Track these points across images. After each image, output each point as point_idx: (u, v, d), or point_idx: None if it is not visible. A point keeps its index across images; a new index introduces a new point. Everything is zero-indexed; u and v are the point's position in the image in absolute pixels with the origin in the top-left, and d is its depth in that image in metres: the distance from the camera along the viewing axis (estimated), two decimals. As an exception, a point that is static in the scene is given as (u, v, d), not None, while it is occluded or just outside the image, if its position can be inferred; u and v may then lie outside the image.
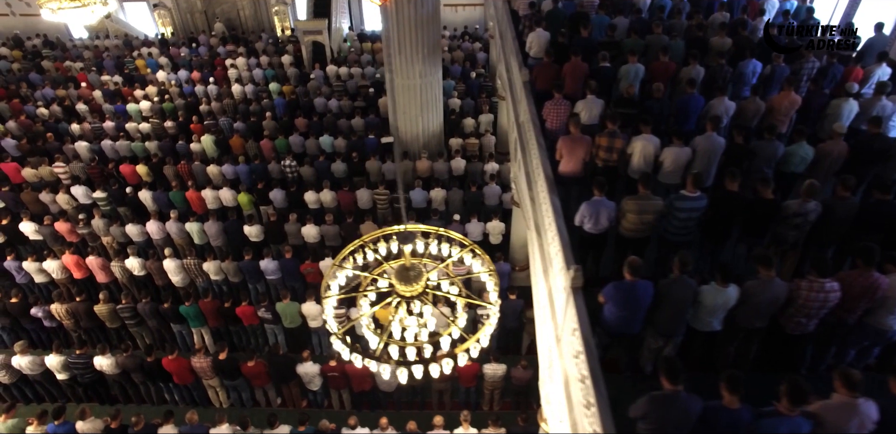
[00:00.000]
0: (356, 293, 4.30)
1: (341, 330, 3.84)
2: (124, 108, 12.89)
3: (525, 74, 6.98)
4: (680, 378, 2.88)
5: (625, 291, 3.64)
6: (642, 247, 4.68)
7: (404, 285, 3.84)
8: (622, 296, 3.64)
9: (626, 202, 4.41)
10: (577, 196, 5.40)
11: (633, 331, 3.82)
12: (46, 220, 9.28)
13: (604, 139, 5.15)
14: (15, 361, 7.01)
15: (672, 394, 2.89)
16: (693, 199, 4.30)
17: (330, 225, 8.93)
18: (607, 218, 4.48)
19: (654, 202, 4.37)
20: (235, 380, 7.06)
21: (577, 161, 5.23)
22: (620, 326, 3.76)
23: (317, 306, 7.53)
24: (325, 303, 4.14)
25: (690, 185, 4.29)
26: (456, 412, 7.16)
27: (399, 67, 10.25)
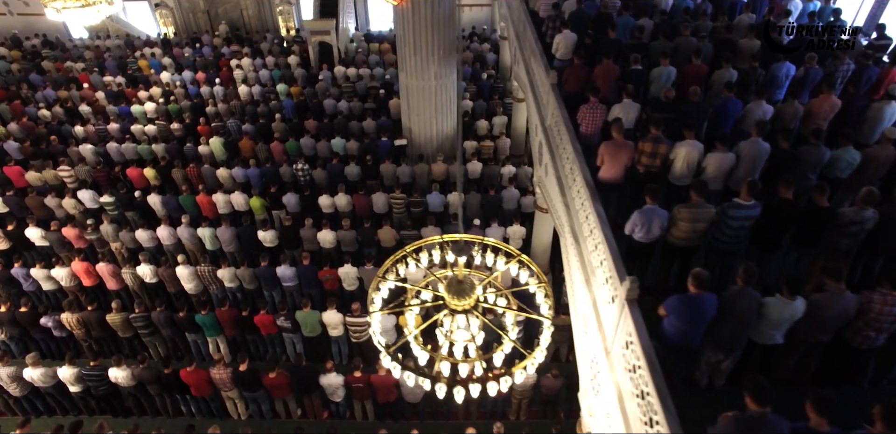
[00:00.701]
0: (403, 308, 4.15)
1: (392, 347, 3.71)
2: (128, 109, 12.68)
3: (553, 77, 6.87)
4: (768, 399, 2.76)
5: (690, 305, 3.53)
6: (690, 255, 4.58)
7: (456, 299, 3.71)
8: (687, 310, 3.53)
9: (679, 210, 4.31)
10: (615, 203, 5.29)
11: (694, 345, 3.71)
12: (53, 225, 9.09)
13: (648, 144, 5.05)
14: (27, 374, 6.82)
15: (759, 416, 2.78)
16: (748, 208, 4.20)
17: (347, 230, 8.79)
18: (660, 227, 4.37)
19: (707, 210, 4.27)
20: (256, 391, 6.90)
21: (619, 167, 5.13)
22: (681, 340, 3.65)
23: (338, 315, 7.38)
24: (371, 318, 4.00)
25: (745, 193, 4.19)
26: (483, 422, 7.07)
27: (414, 69, 10.15)
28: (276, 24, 17.22)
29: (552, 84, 6.89)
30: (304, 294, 8.29)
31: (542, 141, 7.80)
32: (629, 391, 3.87)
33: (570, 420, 7.10)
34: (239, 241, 9.01)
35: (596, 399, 4.77)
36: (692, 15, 8.33)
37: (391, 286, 4.27)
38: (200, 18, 16.99)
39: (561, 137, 6.47)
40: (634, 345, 3.74)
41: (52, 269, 8.29)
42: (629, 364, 3.88)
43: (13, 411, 7.33)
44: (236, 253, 9.06)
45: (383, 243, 8.88)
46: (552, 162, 6.85)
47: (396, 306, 4.29)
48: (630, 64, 6.76)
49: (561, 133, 6.46)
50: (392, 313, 4.22)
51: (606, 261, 4.47)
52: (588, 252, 5.17)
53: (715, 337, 3.70)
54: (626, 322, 3.96)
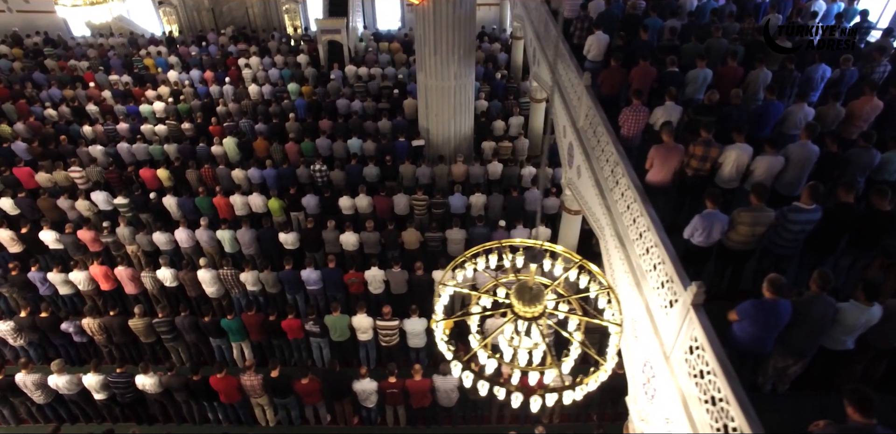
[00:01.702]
0: (467, 315, 4.11)
1: (466, 357, 3.67)
2: (137, 109, 12.55)
3: (587, 78, 6.86)
4: (875, 410, 2.75)
5: (765, 311, 3.53)
6: (745, 259, 4.59)
7: (525, 305, 3.69)
8: (762, 315, 3.53)
9: (740, 214, 4.31)
10: (661, 207, 5.29)
11: (765, 350, 3.71)
12: (68, 228, 8.97)
13: (699, 148, 5.06)
14: (52, 381, 6.72)
15: (866, 428, 2.76)
16: (809, 212, 4.22)
17: (370, 231, 8.74)
18: (720, 231, 4.38)
19: (767, 214, 4.28)
20: (286, 398, 6.84)
21: (668, 171, 5.13)
22: (753, 346, 3.65)
23: (368, 319, 7.34)
24: (432, 324, 3.95)
25: (807, 198, 4.21)
26: (515, 426, 7.06)
27: (433, 69, 10.12)
28: (282, 22, 17.11)
29: (586, 86, 6.89)
30: (329, 297, 8.25)
31: (572, 142, 7.81)
32: (695, 397, 3.86)
33: (604, 422, 7.12)
34: (259, 243, 8.94)
35: (650, 404, 4.76)
36: (718, 16, 8.38)
37: (451, 292, 4.22)
38: (205, 17, 16.85)
39: (598, 139, 6.47)
40: (703, 350, 3.73)
41: (69, 272, 8.15)
42: (695, 369, 3.88)
43: (36, 419, 7.22)
44: (256, 256, 8.98)
45: (407, 245, 8.84)
46: (587, 164, 6.85)
47: (460, 313, 4.25)
48: (665, 66, 6.77)
49: (598, 135, 6.46)
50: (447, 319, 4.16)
51: (664, 265, 4.46)
52: (636, 256, 5.17)
53: (787, 342, 3.71)
54: (690, 327, 3.95)
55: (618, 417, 7.37)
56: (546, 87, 9.62)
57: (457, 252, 8.78)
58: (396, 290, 8.09)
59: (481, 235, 8.85)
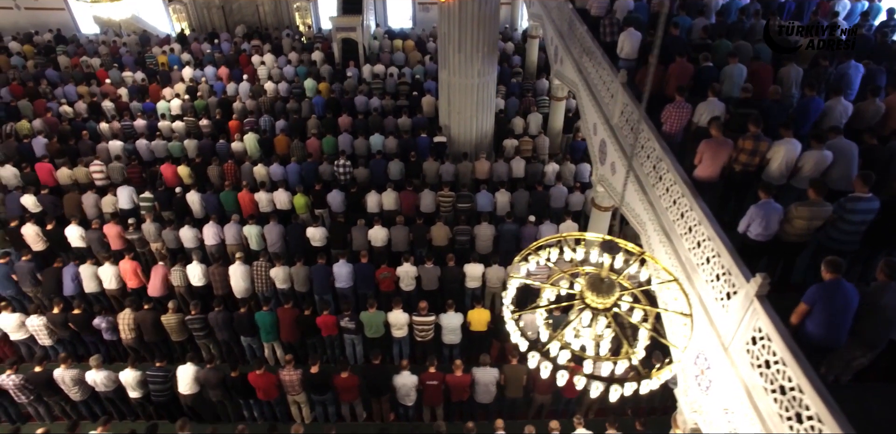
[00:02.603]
0: (541, 307, 4.19)
1: (543, 345, 3.75)
2: (153, 105, 12.58)
3: (623, 76, 6.98)
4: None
5: (832, 291, 3.61)
6: (797, 253, 4.69)
7: (597, 296, 3.77)
8: (830, 296, 3.62)
9: (798, 209, 4.42)
10: (708, 201, 5.38)
11: (840, 342, 3.78)
12: (94, 223, 9.00)
13: (748, 142, 5.17)
14: (89, 377, 6.75)
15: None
16: (867, 200, 4.33)
17: (400, 227, 8.82)
18: (777, 221, 4.49)
19: (825, 208, 4.39)
20: (324, 394, 6.87)
21: (717, 166, 5.24)
22: (828, 336, 3.71)
23: (404, 315, 7.42)
24: (516, 316, 4.00)
25: (861, 186, 4.32)
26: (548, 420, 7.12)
27: (457, 66, 10.22)
28: (293, 20, 17.16)
29: (622, 83, 7.01)
30: (360, 296, 8.29)
31: (605, 139, 7.92)
32: (760, 386, 3.96)
33: (640, 418, 7.17)
34: (285, 240, 8.98)
35: (704, 395, 4.87)
36: (745, 15, 8.53)
37: (518, 285, 4.29)
38: (215, 14, 16.87)
39: (644, 135, 6.59)
40: (770, 340, 3.82)
41: (100, 266, 8.19)
42: (759, 359, 3.98)
43: (70, 416, 7.23)
44: (281, 254, 9.00)
45: (435, 241, 8.92)
46: (625, 160, 6.96)
47: (532, 306, 4.33)
48: (699, 62, 6.91)
49: (637, 131, 6.57)
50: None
51: (719, 258, 4.57)
52: (685, 250, 5.28)
53: (857, 334, 3.79)
54: (753, 318, 4.06)
55: (652, 412, 7.50)
56: (572, 84, 9.72)
57: (485, 248, 8.88)
58: (428, 287, 8.16)
59: (510, 231, 8.96)
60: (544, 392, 6.85)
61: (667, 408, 7.42)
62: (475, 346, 7.69)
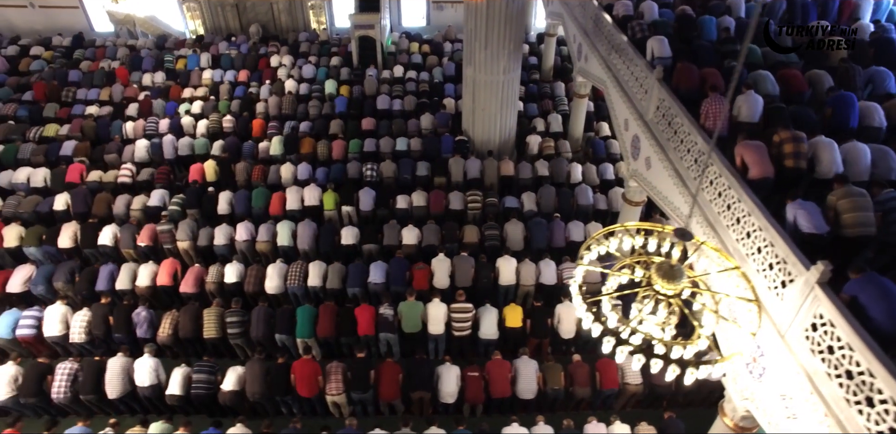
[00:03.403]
0: (611, 294, 4.34)
1: (625, 325, 3.89)
2: (175, 106, 12.72)
3: (659, 72, 7.15)
4: None
5: (871, 282, 3.77)
6: (860, 246, 4.78)
7: (667, 282, 3.92)
8: (872, 286, 3.77)
9: (838, 203, 4.58)
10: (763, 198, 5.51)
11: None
12: (132, 220, 9.17)
13: (789, 146, 5.34)
14: (142, 364, 7.00)
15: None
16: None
17: (432, 224, 8.98)
18: (818, 214, 4.67)
19: (866, 197, 4.55)
20: (365, 392, 6.94)
21: (766, 163, 5.37)
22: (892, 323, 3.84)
23: (442, 306, 7.56)
24: (582, 303, 4.15)
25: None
26: (588, 412, 7.28)
27: (483, 63, 10.37)
28: (307, 19, 17.28)
29: (658, 79, 7.17)
30: (391, 293, 8.41)
31: (638, 135, 8.09)
32: (823, 372, 4.08)
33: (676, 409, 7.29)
34: (316, 239, 9.10)
35: (757, 382, 5.01)
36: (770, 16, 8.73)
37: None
38: (229, 12, 16.97)
39: (675, 130, 6.75)
40: (833, 326, 3.95)
41: (142, 264, 8.44)
42: (820, 345, 4.11)
43: (107, 412, 7.35)
44: (310, 252, 9.13)
45: (466, 238, 9.06)
46: (662, 154, 7.12)
47: (605, 293, 4.47)
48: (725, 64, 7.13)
49: (675, 126, 6.74)
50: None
51: (773, 247, 4.72)
52: (733, 241, 5.43)
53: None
54: (814, 304, 4.20)
55: (688, 404, 7.63)
56: (598, 81, 9.89)
57: (516, 244, 9.02)
58: (461, 283, 8.28)
59: (540, 225, 9.14)
60: (583, 385, 6.98)
61: (701, 401, 7.57)
62: (510, 343, 7.81)
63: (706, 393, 7.26)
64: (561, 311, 7.81)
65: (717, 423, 5.90)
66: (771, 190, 5.42)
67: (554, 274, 8.43)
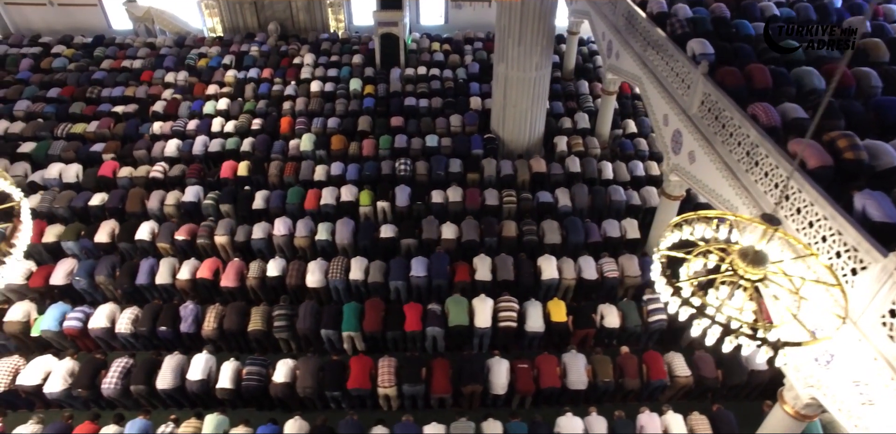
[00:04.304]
0: (695, 278, 4.43)
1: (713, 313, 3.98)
2: (201, 103, 12.81)
3: (704, 67, 7.29)
4: None
5: None
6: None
7: (752, 267, 4.02)
8: None
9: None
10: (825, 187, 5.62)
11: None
12: (173, 219, 9.34)
13: (843, 141, 5.47)
14: (198, 360, 7.11)
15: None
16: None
17: (471, 219, 9.08)
18: (889, 203, 4.79)
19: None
20: (417, 385, 7.01)
21: (822, 154, 5.49)
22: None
23: (489, 299, 7.67)
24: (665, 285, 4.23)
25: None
26: (634, 404, 7.37)
27: (515, 59, 10.50)
28: (326, 17, 17.37)
29: (703, 74, 7.30)
30: (433, 287, 8.50)
31: (679, 130, 8.22)
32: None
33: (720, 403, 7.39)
34: (354, 235, 9.19)
35: (824, 369, 5.13)
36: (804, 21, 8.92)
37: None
38: (247, 10, 17.06)
39: (723, 123, 6.87)
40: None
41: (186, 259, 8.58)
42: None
43: (155, 406, 7.42)
44: (349, 247, 9.21)
45: (504, 232, 9.17)
46: (709, 148, 7.24)
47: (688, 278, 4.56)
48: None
49: (723, 119, 6.86)
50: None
51: (841, 235, 4.84)
52: (793, 230, 5.55)
53: None
54: (891, 291, 4.32)
55: (733, 397, 7.73)
56: (632, 78, 10.02)
57: (553, 240, 9.12)
58: (503, 276, 8.38)
59: (575, 222, 9.26)
60: (633, 377, 7.09)
61: (746, 395, 7.66)
62: (555, 337, 7.91)
63: (753, 386, 7.37)
64: (603, 308, 7.93)
65: (774, 411, 6.01)
66: (830, 181, 5.53)
67: (594, 269, 8.54)
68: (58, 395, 6.94)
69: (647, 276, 8.58)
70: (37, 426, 6.47)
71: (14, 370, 7.09)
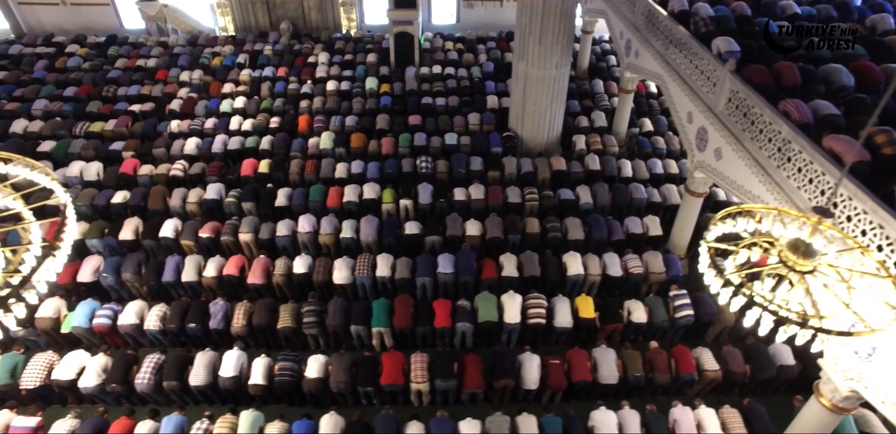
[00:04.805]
0: (744, 270, 4.50)
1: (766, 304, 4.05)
2: (218, 102, 12.88)
3: (731, 64, 7.38)
4: None
5: None
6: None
7: (802, 258, 4.09)
8: None
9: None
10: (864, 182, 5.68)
11: None
12: (197, 217, 9.37)
13: (881, 136, 5.55)
14: (230, 357, 7.16)
15: None
16: None
17: (494, 216, 9.15)
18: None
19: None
20: (450, 380, 7.08)
21: (857, 148, 5.56)
22: None
23: (517, 297, 7.74)
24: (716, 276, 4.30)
25: None
26: (663, 398, 7.46)
27: (536, 58, 10.57)
28: (338, 16, 17.44)
29: (730, 71, 7.39)
30: (460, 283, 8.56)
31: (705, 127, 8.30)
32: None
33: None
34: (379, 233, 9.25)
35: (865, 362, 5.20)
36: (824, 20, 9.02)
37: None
38: (259, 9, 17.14)
39: (752, 120, 6.96)
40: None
41: (212, 257, 8.61)
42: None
43: (185, 401, 7.47)
44: (373, 244, 9.28)
45: (528, 229, 9.24)
46: (737, 145, 7.32)
47: (735, 271, 4.63)
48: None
49: (754, 116, 6.95)
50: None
51: (884, 229, 4.92)
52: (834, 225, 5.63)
53: None
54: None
55: (760, 392, 7.80)
56: (653, 76, 10.11)
57: (577, 236, 9.19)
58: (529, 271, 8.45)
59: (598, 220, 9.34)
60: (664, 372, 7.16)
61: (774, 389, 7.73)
62: (583, 333, 7.98)
63: (782, 381, 7.44)
64: (630, 304, 8.02)
65: (810, 404, 6.08)
66: (868, 176, 5.61)
67: (619, 266, 8.61)
68: (92, 390, 6.99)
69: (672, 272, 8.72)
70: (75, 421, 6.53)
71: (49, 365, 7.15)
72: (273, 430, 6.37)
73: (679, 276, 8.71)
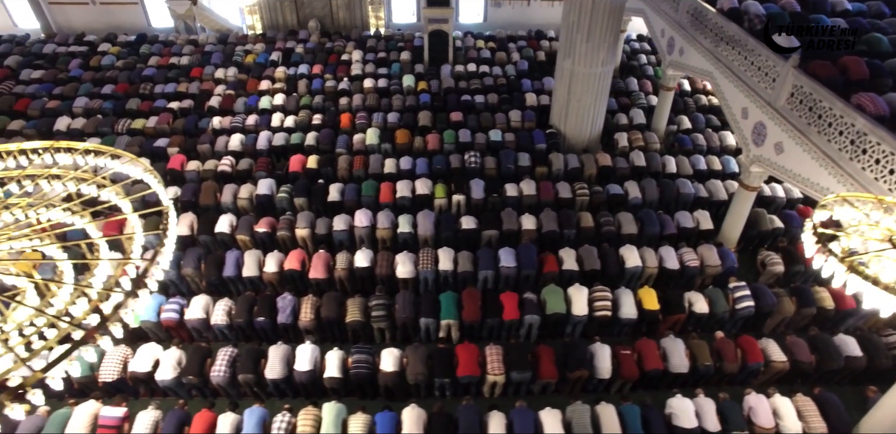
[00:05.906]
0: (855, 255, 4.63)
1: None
2: (256, 98, 13.01)
3: (795, 60, 7.56)
4: None
5: None
6: None
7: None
8: None
9: None
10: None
11: None
12: (250, 212, 9.48)
13: None
14: (303, 350, 7.26)
15: None
16: None
17: (549, 210, 9.32)
18: None
19: None
20: (525, 372, 7.19)
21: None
22: None
23: (583, 289, 7.90)
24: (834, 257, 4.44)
25: None
26: (729, 388, 7.58)
27: (583, 55, 10.74)
28: (366, 15, 17.58)
29: (794, 66, 7.56)
30: (521, 277, 8.69)
31: (762, 122, 8.47)
32: None
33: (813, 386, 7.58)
34: (436, 227, 9.39)
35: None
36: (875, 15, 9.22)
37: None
38: (287, 7, 17.26)
39: (820, 114, 7.13)
40: None
41: (269, 252, 8.72)
42: None
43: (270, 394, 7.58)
44: (430, 239, 9.40)
45: (583, 223, 9.39)
46: (802, 138, 7.49)
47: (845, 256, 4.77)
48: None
49: (821, 110, 7.12)
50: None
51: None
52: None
53: None
54: None
55: (825, 382, 7.93)
56: (702, 73, 10.29)
57: (630, 230, 9.35)
58: (590, 265, 8.59)
59: (649, 214, 9.51)
60: (732, 361, 7.31)
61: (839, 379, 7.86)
62: (646, 324, 8.13)
63: (848, 372, 7.58)
64: (690, 296, 8.19)
65: (892, 393, 6.24)
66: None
67: (675, 259, 8.77)
68: (169, 382, 7.09)
69: (727, 265, 8.87)
70: (157, 412, 6.62)
71: (124, 359, 7.25)
72: (356, 422, 6.47)
73: (734, 267, 8.87)
